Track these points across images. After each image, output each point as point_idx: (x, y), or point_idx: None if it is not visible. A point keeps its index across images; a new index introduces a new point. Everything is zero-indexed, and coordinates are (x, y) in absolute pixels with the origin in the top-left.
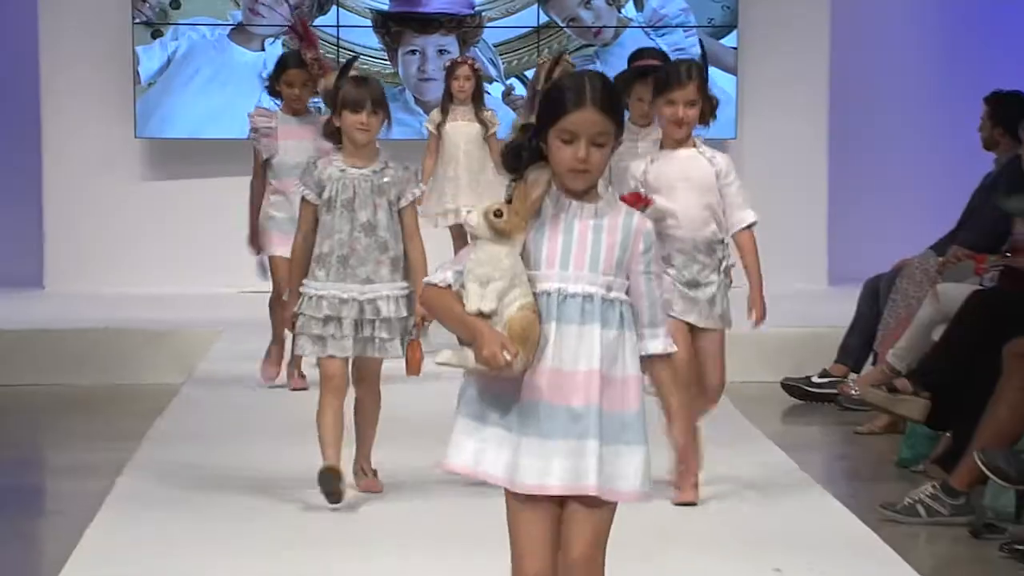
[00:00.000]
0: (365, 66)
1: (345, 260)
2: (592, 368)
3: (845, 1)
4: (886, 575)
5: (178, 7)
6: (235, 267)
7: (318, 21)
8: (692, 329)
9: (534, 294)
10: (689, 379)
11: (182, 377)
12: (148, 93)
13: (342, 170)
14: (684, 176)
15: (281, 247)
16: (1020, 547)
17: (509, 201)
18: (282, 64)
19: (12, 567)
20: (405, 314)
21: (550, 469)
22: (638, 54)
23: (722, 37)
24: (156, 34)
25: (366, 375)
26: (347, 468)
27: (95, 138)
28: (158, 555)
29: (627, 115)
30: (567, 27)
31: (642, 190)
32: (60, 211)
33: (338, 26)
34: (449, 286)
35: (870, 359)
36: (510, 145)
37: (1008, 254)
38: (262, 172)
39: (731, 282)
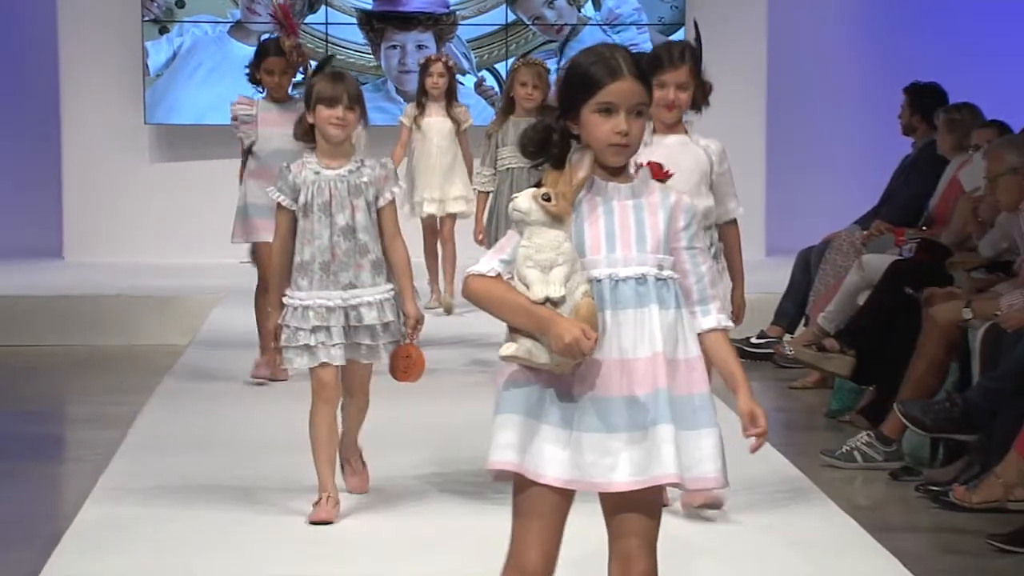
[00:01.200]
0: (351, 59)
1: (327, 267)
2: (656, 352)
3: (781, 2)
4: (815, 513)
5: (183, 6)
6: None
7: (308, 19)
8: None
9: None
10: None
11: (186, 339)
12: (156, 84)
13: (316, 172)
14: (673, 163)
15: (266, 233)
16: (933, 487)
17: (536, 186)
18: (262, 52)
19: (36, 507)
20: (390, 318)
21: (617, 465)
22: None
23: (671, 34)
24: (163, 30)
25: (356, 384)
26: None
27: (109, 124)
28: (167, 496)
29: None
30: (532, 25)
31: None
32: (78, 189)
33: (327, 23)
34: (498, 275)
35: (803, 322)
36: (536, 129)
37: (924, 228)
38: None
39: (723, 267)
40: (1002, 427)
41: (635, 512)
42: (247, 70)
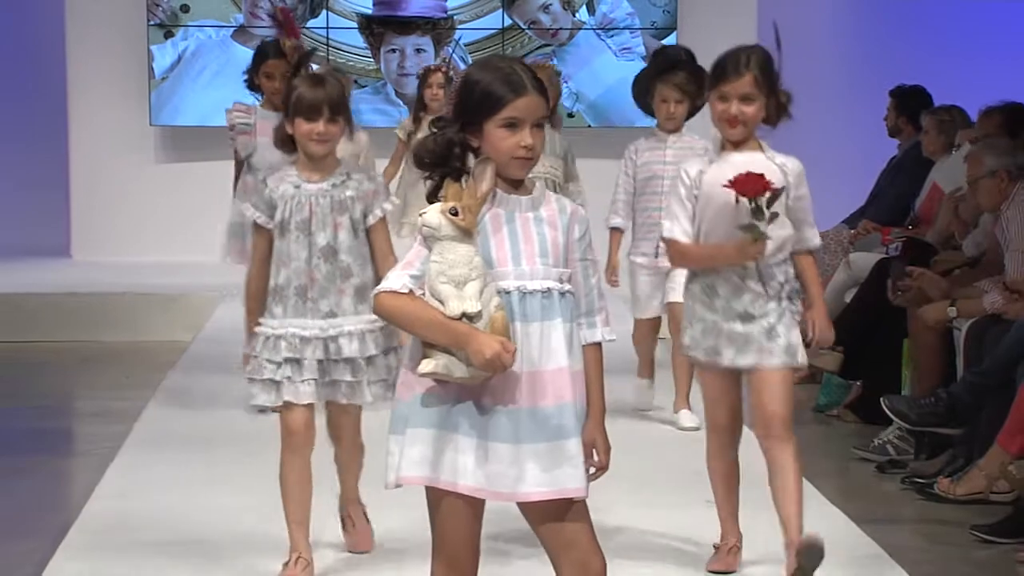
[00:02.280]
0: (351, 63)
1: (304, 292)
2: (561, 366)
3: (771, 6)
4: (804, 505)
5: (187, 11)
6: None
7: (310, 23)
8: (741, 371)
9: None
10: (735, 429)
11: (190, 335)
12: (161, 86)
13: (296, 186)
14: None
15: None
16: (918, 480)
17: (431, 199)
18: (261, 55)
19: (45, 499)
20: (373, 352)
21: (523, 475)
22: (660, 52)
23: (664, 38)
24: (168, 34)
25: (343, 433)
26: (332, 507)
27: (115, 125)
28: (172, 489)
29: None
30: (528, 29)
31: (725, 182)
32: (85, 189)
33: (327, 28)
34: (411, 291)
35: None
36: (437, 142)
37: (910, 227)
38: (242, 170)
39: (798, 310)
40: (986, 421)
41: (569, 521)
42: (245, 76)
